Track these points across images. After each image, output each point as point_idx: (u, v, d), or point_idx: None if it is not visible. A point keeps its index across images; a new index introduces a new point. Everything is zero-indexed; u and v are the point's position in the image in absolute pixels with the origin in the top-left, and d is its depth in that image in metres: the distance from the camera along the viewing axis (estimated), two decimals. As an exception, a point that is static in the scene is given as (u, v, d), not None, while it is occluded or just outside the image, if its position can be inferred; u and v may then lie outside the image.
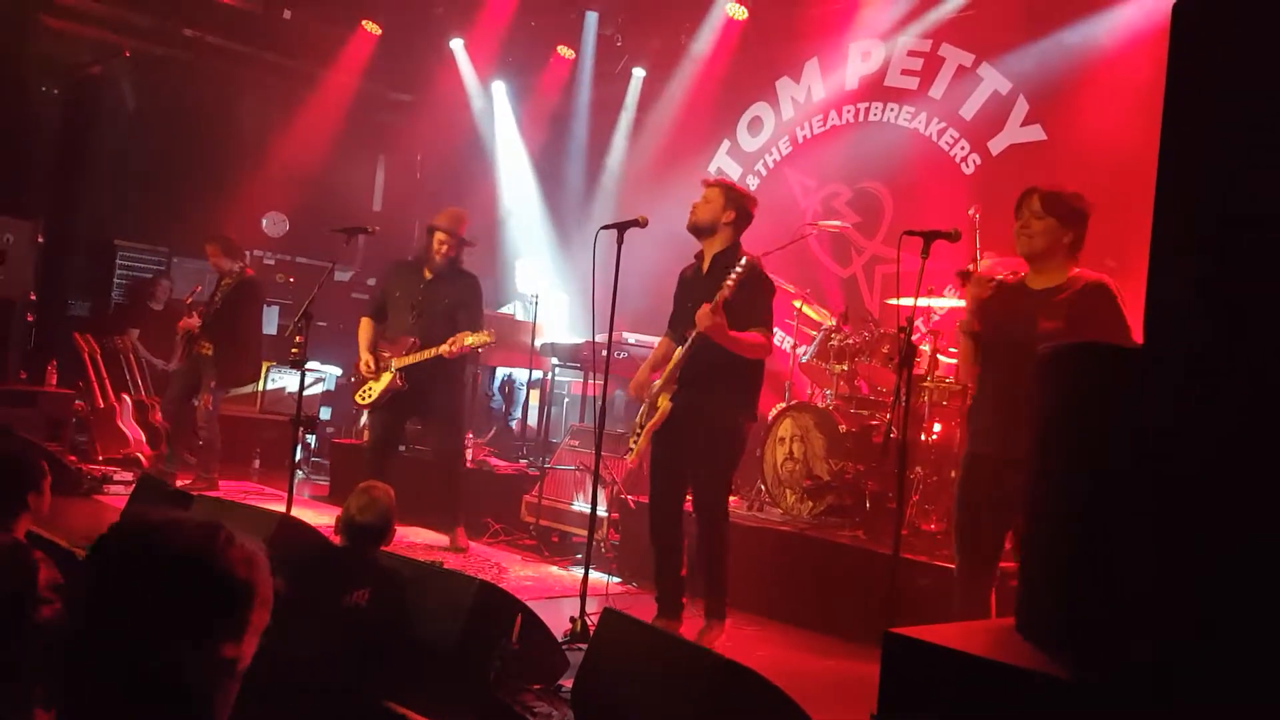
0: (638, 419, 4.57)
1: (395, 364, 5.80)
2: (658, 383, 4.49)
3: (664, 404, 4.39)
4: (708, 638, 4.31)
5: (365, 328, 6.00)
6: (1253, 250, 1.92)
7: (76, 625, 1.28)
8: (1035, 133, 6.63)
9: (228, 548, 1.31)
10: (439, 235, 5.88)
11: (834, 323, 6.08)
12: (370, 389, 5.87)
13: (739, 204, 4.46)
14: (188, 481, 6.91)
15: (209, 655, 1.28)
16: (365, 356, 5.88)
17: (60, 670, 1.26)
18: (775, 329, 4.62)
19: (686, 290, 4.59)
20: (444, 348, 5.63)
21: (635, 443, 4.51)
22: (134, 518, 1.37)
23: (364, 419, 8.15)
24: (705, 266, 4.47)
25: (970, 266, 3.94)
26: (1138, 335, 3.50)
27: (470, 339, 5.60)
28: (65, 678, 1.25)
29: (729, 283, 4.21)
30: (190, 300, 7.59)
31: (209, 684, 1.29)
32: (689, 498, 4.47)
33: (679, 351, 4.39)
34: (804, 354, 6.12)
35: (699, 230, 4.49)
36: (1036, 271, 3.72)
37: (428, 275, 5.91)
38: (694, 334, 4.27)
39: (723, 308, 4.20)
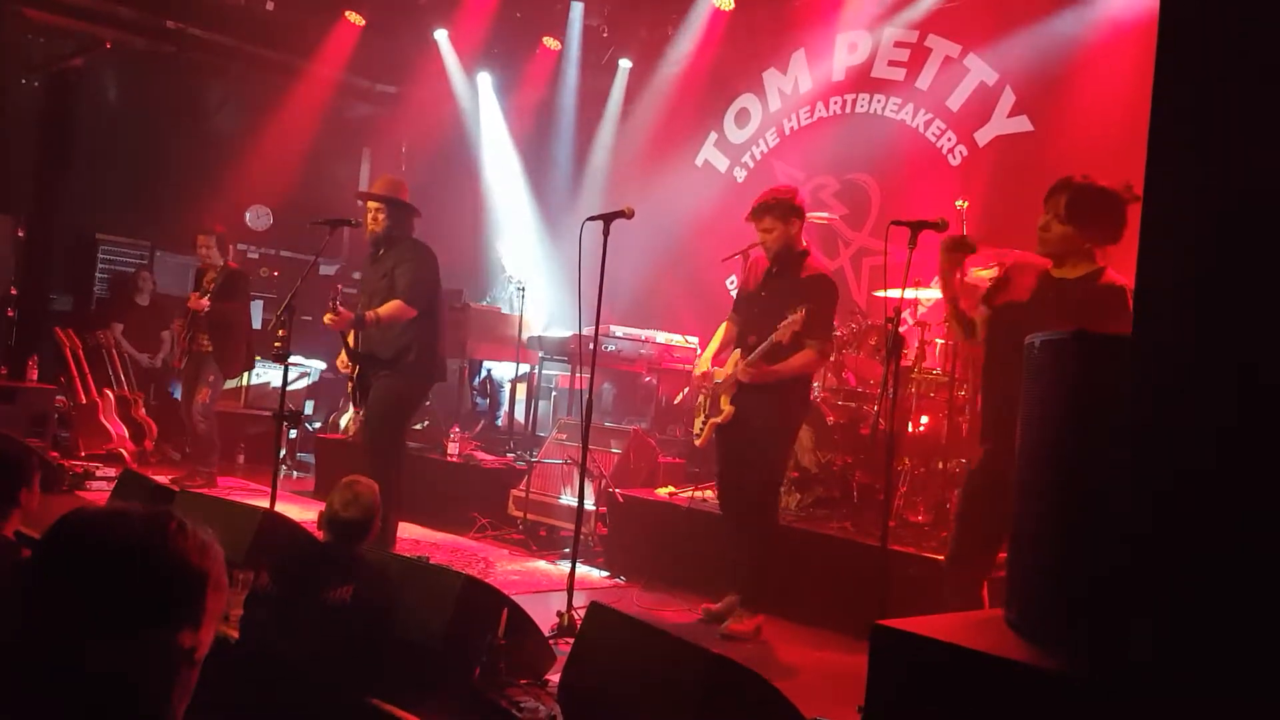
0: (700, 404, 4.84)
1: (344, 354, 5.35)
2: (719, 373, 4.67)
3: (726, 405, 4.61)
4: (732, 622, 4.51)
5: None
6: (1242, 238, 1.91)
7: (26, 619, 1.25)
8: (1022, 123, 6.63)
9: (179, 535, 1.29)
10: (370, 205, 5.33)
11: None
12: (350, 384, 5.68)
13: (787, 209, 4.53)
14: (182, 475, 6.88)
15: (165, 644, 1.27)
16: (342, 354, 5.44)
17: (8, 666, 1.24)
18: None
19: (755, 286, 4.72)
20: (328, 314, 5.07)
21: (700, 428, 4.79)
22: (83, 510, 1.34)
23: (346, 416, 8.11)
24: (774, 267, 4.64)
25: (949, 233, 3.88)
26: None
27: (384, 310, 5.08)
28: (12, 673, 1.23)
29: (779, 330, 4.35)
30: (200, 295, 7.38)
31: (165, 673, 1.27)
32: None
33: (735, 356, 4.58)
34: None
35: (784, 258, 4.58)
36: (1058, 264, 3.66)
37: (380, 254, 5.38)
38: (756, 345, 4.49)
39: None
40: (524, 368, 7.83)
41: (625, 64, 9.07)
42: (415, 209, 5.41)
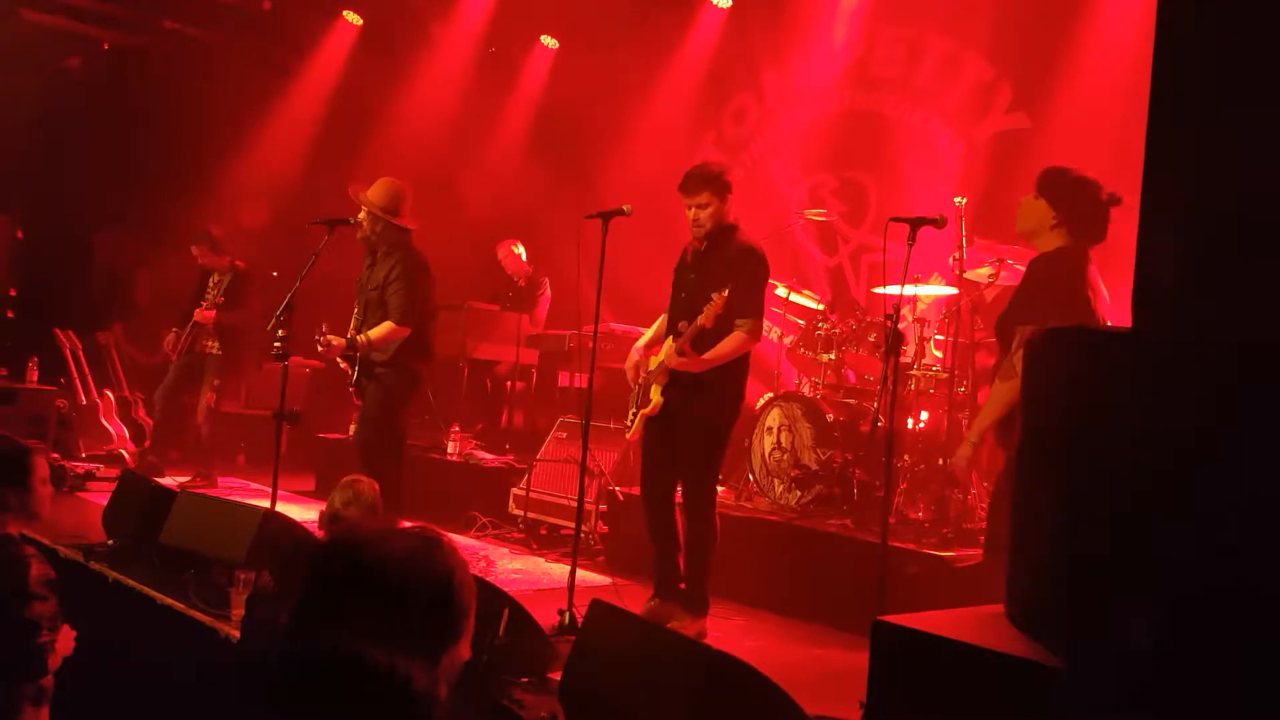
0: (633, 395, 4.59)
1: (340, 361, 5.29)
2: (653, 361, 4.46)
3: (656, 396, 4.38)
4: (675, 626, 4.26)
5: (353, 319, 5.50)
6: (1241, 231, 1.92)
7: (304, 638, 1.27)
8: (1020, 119, 6.63)
9: (452, 555, 1.37)
10: (363, 207, 5.31)
11: (822, 309, 6.09)
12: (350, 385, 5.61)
13: (724, 185, 4.28)
14: (187, 479, 6.87)
15: (450, 658, 1.36)
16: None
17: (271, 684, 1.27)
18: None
19: (683, 271, 4.48)
20: (325, 339, 5.10)
21: (631, 420, 4.54)
22: (357, 532, 1.38)
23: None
24: (703, 245, 4.36)
25: None
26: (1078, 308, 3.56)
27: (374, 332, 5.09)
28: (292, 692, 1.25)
29: (704, 314, 4.10)
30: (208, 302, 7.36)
31: (444, 684, 1.36)
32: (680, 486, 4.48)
33: (668, 344, 4.38)
34: (790, 341, 6.12)
35: (714, 235, 4.31)
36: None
37: (375, 259, 5.39)
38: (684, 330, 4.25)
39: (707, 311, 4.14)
40: (524, 366, 7.83)
41: (623, 62, 9.06)
42: (404, 226, 5.33)
